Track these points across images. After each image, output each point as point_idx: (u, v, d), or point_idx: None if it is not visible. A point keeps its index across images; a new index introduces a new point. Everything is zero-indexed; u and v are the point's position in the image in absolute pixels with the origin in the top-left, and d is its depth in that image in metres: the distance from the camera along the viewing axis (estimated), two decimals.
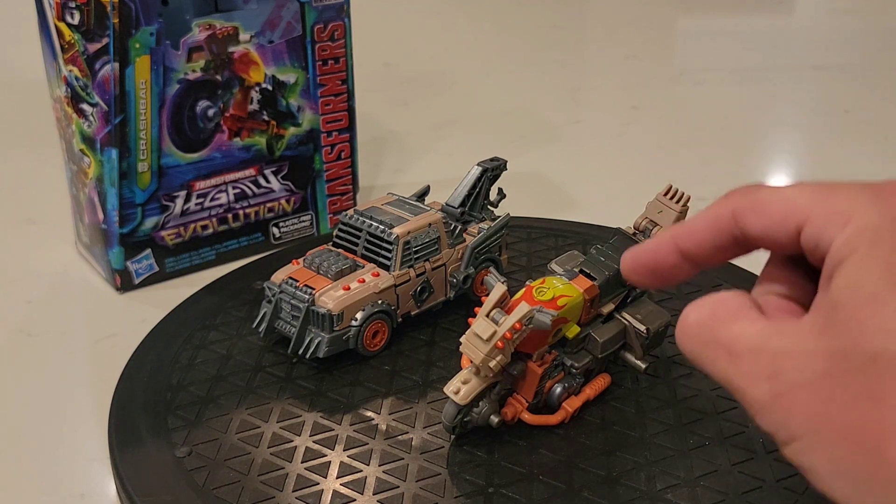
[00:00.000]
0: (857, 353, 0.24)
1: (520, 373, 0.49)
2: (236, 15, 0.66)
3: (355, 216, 0.59)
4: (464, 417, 0.48)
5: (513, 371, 0.48)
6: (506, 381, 0.49)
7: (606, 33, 1.38)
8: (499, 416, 0.49)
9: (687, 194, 0.54)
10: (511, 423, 0.50)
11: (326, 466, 0.48)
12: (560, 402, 0.51)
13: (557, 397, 0.51)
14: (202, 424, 0.52)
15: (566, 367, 0.51)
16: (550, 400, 0.51)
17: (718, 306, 0.29)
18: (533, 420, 0.50)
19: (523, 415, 0.50)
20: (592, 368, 0.52)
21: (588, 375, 0.52)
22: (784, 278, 0.30)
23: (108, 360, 0.59)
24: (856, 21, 1.40)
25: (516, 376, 0.49)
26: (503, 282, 0.47)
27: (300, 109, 0.71)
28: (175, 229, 0.69)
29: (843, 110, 1.05)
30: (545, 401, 0.51)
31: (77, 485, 0.51)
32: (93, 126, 0.65)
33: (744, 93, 1.11)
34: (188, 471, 0.48)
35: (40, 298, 0.69)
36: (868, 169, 0.89)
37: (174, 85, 0.65)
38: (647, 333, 0.51)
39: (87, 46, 0.62)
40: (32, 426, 0.55)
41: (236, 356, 0.58)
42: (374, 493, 0.46)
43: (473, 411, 0.48)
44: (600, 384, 0.53)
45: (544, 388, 0.50)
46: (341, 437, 0.51)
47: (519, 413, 0.50)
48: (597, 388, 0.52)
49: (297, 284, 0.56)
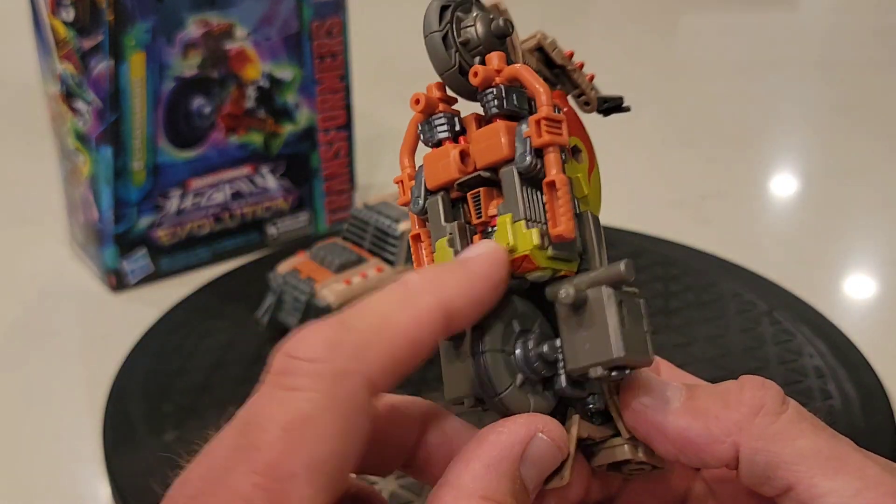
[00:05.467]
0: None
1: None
2: (232, 11, 0.65)
3: (364, 210, 0.59)
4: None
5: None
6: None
7: (608, 29, 1.37)
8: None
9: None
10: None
11: None
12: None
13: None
14: (195, 414, 0.51)
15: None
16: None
17: None
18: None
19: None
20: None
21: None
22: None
23: (102, 361, 0.59)
24: (860, 17, 1.39)
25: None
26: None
27: (297, 107, 0.71)
28: (170, 228, 0.68)
29: (848, 107, 1.05)
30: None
31: (70, 486, 0.50)
32: (87, 124, 0.64)
33: (748, 90, 1.10)
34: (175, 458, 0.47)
35: (34, 298, 0.68)
36: (874, 166, 0.88)
37: (169, 82, 0.64)
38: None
39: (81, 43, 0.62)
40: (25, 427, 0.55)
41: (236, 347, 0.58)
42: None
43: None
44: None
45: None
46: None
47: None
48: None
49: (300, 276, 0.56)
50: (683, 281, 0.63)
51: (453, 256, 0.29)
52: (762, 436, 0.27)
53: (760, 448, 0.27)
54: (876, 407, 0.51)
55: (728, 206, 0.81)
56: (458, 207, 0.31)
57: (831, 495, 0.26)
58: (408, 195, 0.31)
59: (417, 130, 0.31)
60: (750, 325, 0.59)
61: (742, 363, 0.55)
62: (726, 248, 0.68)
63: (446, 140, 0.30)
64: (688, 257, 0.67)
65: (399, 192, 0.31)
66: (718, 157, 0.92)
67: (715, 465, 0.28)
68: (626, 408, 0.29)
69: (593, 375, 0.28)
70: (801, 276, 0.66)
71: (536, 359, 0.28)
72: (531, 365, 0.28)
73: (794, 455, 0.27)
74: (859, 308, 0.66)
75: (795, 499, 0.27)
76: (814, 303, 0.61)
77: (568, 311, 0.28)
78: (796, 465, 0.27)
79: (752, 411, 0.28)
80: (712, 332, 0.58)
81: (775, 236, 0.77)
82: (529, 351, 0.28)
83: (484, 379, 0.28)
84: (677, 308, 0.61)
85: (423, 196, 0.31)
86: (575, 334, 0.28)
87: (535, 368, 0.28)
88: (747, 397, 0.28)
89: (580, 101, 0.33)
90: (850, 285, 0.69)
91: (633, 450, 0.29)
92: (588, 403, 0.30)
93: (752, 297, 0.61)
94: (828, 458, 0.27)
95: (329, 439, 0.23)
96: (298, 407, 0.23)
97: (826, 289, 0.67)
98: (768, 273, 0.65)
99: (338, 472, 0.23)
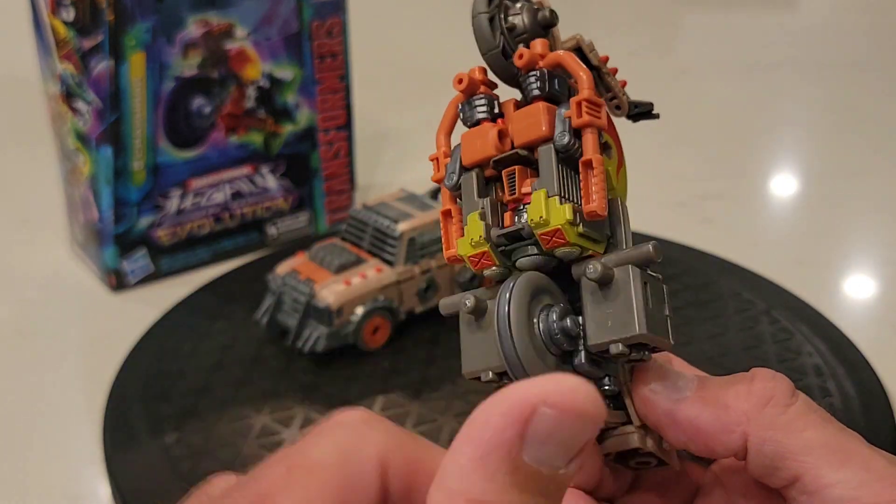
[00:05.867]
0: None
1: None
2: (232, 11, 0.65)
3: (363, 210, 0.59)
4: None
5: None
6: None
7: (608, 29, 1.37)
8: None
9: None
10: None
11: None
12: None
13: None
14: (195, 415, 0.51)
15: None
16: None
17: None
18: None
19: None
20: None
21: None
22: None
23: (102, 361, 0.59)
24: (861, 17, 1.39)
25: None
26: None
27: (297, 107, 0.71)
28: (170, 228, 0.68)
29: (849, 107, 1.05)
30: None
31: (70, 486, 0.50)
32: (87, 124, 0.64)
33: (748, 90, 1.10)
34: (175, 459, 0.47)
35: (33, 298, 0.68)
36: (874, 166, 0.88)
37: (169, 82, 0.64)
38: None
39: (81, 43, 0.62)
40: (25, 427, 0.54)
41: (236, 348, 0.58)
42: None
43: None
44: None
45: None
46: None
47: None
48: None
49: (299, 277, 0.56)
50: (683, 280, 0.64)
51: (483, 229, 0.30)
52: (771, 426, 0.27)
53: (769, 438, 0.27)
54: (875, 405, 0.51)
55: (728, 206, 0.81)
56: (490, 186, 0.31)
57: (837, 486, 0.26)
58: (442, 171, 0.32)
59: (457, 110, 0.32)
60: (749, 323, 0.59)
61: (741, 362, 0.55)
62: (726, 248, 0.68)
63: (485, 120, 0.31)
64: (687, 257, 0.67)
65: (434, 169, 0.32)
66: (718, 157, 0.92)
67: (724, 454, 0.29)
68: (638, 393, 0.29)
69: (614, 352, 0.28)
70: (800, 276, 0.66)
71: (559, 331, 0.29)
72: (553, 337, 0.29)
73: (801, 446, 0.27)
74: (858, 307, 0.66)
75: (802, 489, 0.27)
76: (813, 302, 0.61)
77: (594, 287, 0.29)
78: (803, 456, 0.27)
79: (762, 402, 0.28)
80: (712, 331, 0.58)
81: (775, 236, 0.77)
82: (553, 323, 0.29)
83: (508, 350, 0.28)
84: (677, 307, 0.61)
85: (457, 172, 0.31)
86: (599, 310, 0.28)
87: (557, 341, 0.29)
88: (757, 388, 0.28)
89: (612, 105, 0.34)
90: (849, 284, 0.69)
91: (642, 439, 0.30)
92: (603, 385, 0.30)
93: (751, 296, 0.61)
94: (835, 449, 0.27)
95: (327, 488, 0.21)
96: (309, 453, 0.22)
97: (825, 288, 0.67)
98: (767, 272, 0.65)
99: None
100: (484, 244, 0.30)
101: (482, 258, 0.30)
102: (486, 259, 0.30)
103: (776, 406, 0.28)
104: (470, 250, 0.30)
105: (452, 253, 0.31)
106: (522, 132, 0.30)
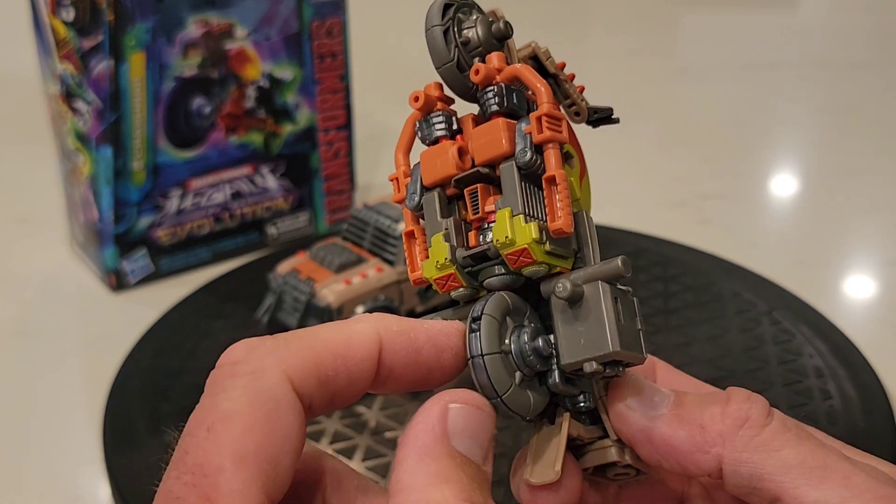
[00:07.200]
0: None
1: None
2: (232, 11, 0.65)
3: (364, 210, 0.59)
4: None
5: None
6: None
7: (608, 29, 1.37)
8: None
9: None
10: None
11: None
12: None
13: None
14: None
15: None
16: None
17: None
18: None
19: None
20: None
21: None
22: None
23: (102, 361, 0.59)
24: (861, 17, 1.39)
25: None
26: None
27: (297, 107, 0.71)
28: (170, 228, 0.68)
29: (848, 107, 1.05)
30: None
31: (70, 487, 0.50)
32: (87, 124, 0.64)
33: (748, 90, 1.10)
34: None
35: (34, 298, 0.68)
36: (874, 166, 0.88)
37: (169, 82, 0.64)
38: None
39: (81, 43, 0.62)
40: (25, 427, 0.55)
41: None
42: None
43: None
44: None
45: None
46: (328, 431, 0.50)
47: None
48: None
49: (300, 276, 0.56)
50: (683, 281, 0.64)
51: (448, 251, 0.29)
52: (745, 448, 0.27)
53: (744, 460, 0.27)
54: (876, 407, 0.51)
55: (728, 206, 0.81)
56: (453, 205, 0.31)
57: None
58: (403, 192, 0.31)
59: (415, 128, 0.31)
60: (749, 325, 0.59)
61: (742, 363, 0.55)
62: (726, 248, 0.68)
63: (443, 138, 0.31)
64: (687, 257, 0.67)
65: (394, 189, 0.32)
66: (718, 157, 0.92)
67: (697, 473, 0.28)
68: (614, 409, 0.29)
69: (588, 370, 0.28)
70: (800, 276, 0.66)
71: (531, 353, 0.28)
72: (525, 359, 0.28)
73: (778, 466, 0.27)
74: (859, 308, 0.66)
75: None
76: (813, 303, 0.61)
77: (563, 305, 0.28)
78: (781, 476, 0.27)
79: (737, 423, 0.28)
80: (712, 332, 0.58)
81: (775, 236, 0.77)
82: (524, 345, 0.28)
83: (485, 382, 0.28)
84: (677, 308, 0.61)
85: (418, 193, 0.31)
86: (570, 329, 0.28)
87: (530, 363, 0.28)
88: (732, 409, 0.28)
89: (571, 111, 0.33)
90: (849, 285, 0.69)
91: (619, 452, 0.30)
92: (578, 402, 0.30)
93: (751, 297, 0.61)
94: (813, 467, 0.27)
95: (252, 431, 0.24)
96: (220, 407, 0.24)
97: (826, 289, 0.67)
98: (768, 273, 0.65)
99: (269, 462, 0.24)
100: (450, 266, 0.29)
101: (449, 280, 0.30)
102: (454, 281, 0.30)
103: (752, 427, 0.28)
104: (436, 273, 0.30)
105: (418, 275, 0.31)
106: (483, 150, 0.29)
